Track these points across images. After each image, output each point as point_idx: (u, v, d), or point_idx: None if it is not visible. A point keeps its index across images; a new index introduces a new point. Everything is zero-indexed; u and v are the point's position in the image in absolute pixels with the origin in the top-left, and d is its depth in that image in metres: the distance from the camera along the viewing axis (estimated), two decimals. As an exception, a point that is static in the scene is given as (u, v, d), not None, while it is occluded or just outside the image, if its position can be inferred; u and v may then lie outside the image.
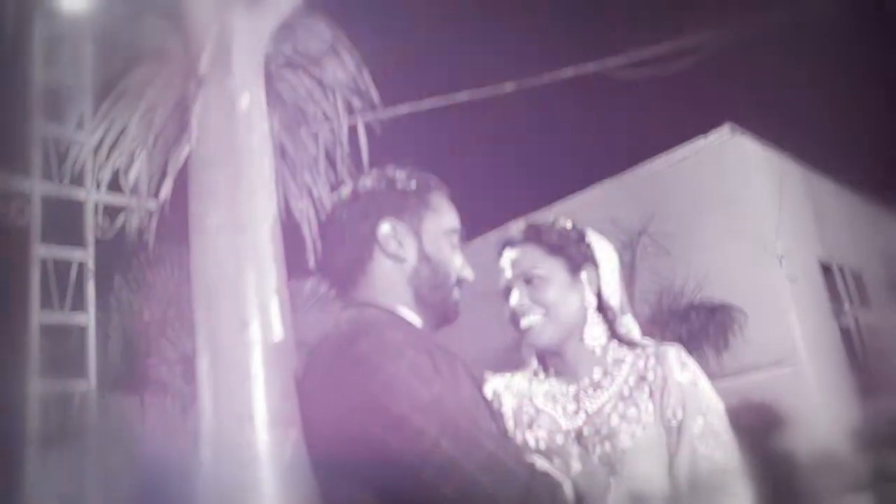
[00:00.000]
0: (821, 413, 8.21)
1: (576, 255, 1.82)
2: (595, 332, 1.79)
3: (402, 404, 1.23)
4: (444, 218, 1.63)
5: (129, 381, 5.50)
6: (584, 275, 1.81)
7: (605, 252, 1.88)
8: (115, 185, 3.08)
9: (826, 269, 9.55)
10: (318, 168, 2.55)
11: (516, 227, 1.88)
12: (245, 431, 1.36)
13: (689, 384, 1.69)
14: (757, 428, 8.10)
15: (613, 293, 1.85)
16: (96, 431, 5.22)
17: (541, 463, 1.36)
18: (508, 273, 1.83)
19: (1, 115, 5.21)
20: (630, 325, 1.88)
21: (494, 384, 1.92)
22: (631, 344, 1.82)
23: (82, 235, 5.51)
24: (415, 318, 1.54)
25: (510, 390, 1.89)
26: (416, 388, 1.26)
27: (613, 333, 1.83)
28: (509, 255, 1.84)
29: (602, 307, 1.83)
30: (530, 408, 1.81)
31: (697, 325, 8.66)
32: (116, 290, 5.87)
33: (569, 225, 1.89)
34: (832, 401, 8.46)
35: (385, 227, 1.56)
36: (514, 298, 1.80)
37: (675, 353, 1.74)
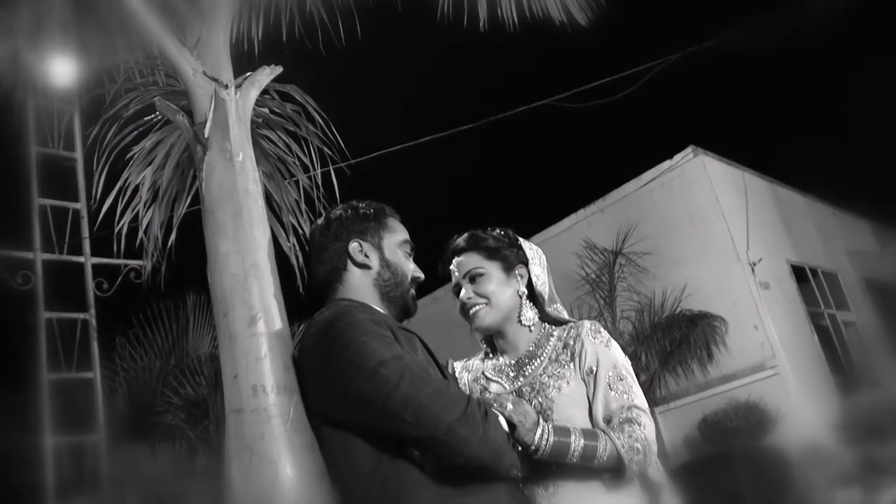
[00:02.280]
0: (805, 411, 8.65)
1: (510, 257, 2.37)
2: (528, 314, 2.33)
3: (371, 361, 1.76)
4: (397, 234, 2.20)
5: (137, 429, 5.94)
6: (517, 272, 2.36)
7: (534, 254, 2.43)
8: (115, 247, 3.56)
9: (800, 274, 10.11)
10: (301, 209, 3.10)
11: (462, 237, 2.42)
12: (259, 398, 1.88)
13: (602, 346, 2.22)
14: (744, 429, 8.55)
15: (543, 285, 2.39)
16: (110, 480, 5.62)
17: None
18: (457, 274, 2.37)
19: (2, 190, 5.74)
20: (559, 309, 2.42)
21: (456, 366, 2.46)
22: (558, 322, 2.36)
23: (84, 296, 5.98)
24: (382, 311, 2.08)
25: (467, 369, 2.43)
26: (380, 350, 1.79)
27: (544, 315, 2.37)
28: (457, 260, 2.38)
29: (533, 296, 2.37)
30: (483, 380, 2.35)
31: (679, 336, 9.05)
32: (119, 346, 6.34)
33: (503, 233, 2.44)
34: (815, 399, 8.92)
35: (354, 245, 2.12)
36: (463, 293, 2.34)
37: (590, 324, 2.28)
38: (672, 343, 9.12)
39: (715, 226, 9.40)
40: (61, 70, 4.57)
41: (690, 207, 9.55)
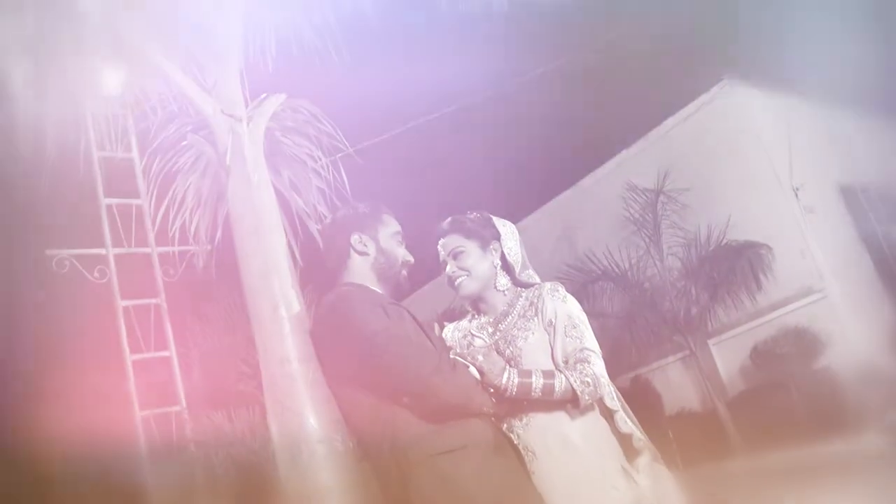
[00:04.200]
0: (857, 332, 8.93)
1: (485, 235, 2.95)
2: (502, 281, 2.92)
3: (366, 331, 2.40)
4: (390, 226, 2.82)
5: (214, 398, 6.77)
6: (491, 246, 2.94)
7: (506, 230, 3.00)
8: (175, 238, 4.26)
9: (849, 194, 10.25)
10: (319, 197, 3.75)
11: (445, 222, 3.00)
12: (285, 366, 2.54)
13: (559, 301, 2.79)
14: (794, 354, 8.92)
15: (515, 256, 2.97)
16: (195, 445, 6.45)
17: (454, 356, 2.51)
18: (443, 253, 2.96)
19: (75, 196, 6.53)
20: (531, 274, 3.00)
21: (449, 326, 3.07)
22: (527, 285, 2.94)
23: (154, 283, 6.78)
24: (378, 290, 2.70)
25: (458, 329, 3.03)
26: (373, 322, 2.42)
27: (515, 281, 2.95)
28: (442, 241, 2.97)
29: (506, 265, 2.95)
30: (469, 336, 2.95)
31: (727, 266, 9.41)
32: (190, 325, 7.16)
33: (479, 215, 3.01)
34: (868, 318, 9.17)
35: (355, 237, 2.74)
36: (448, 269, 2.93)
37: (550, 285, 2.86)
38: (720, 275, 9.50)
39: (756, 154, 9.64)
40: (112, 81, 5.27)
41: (730, 138, 9.78)
